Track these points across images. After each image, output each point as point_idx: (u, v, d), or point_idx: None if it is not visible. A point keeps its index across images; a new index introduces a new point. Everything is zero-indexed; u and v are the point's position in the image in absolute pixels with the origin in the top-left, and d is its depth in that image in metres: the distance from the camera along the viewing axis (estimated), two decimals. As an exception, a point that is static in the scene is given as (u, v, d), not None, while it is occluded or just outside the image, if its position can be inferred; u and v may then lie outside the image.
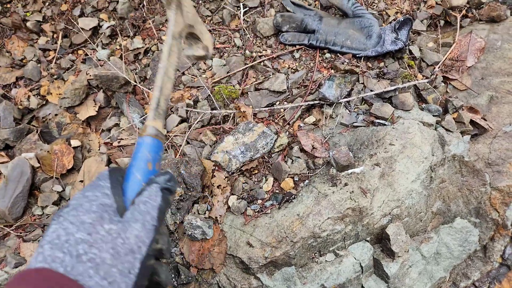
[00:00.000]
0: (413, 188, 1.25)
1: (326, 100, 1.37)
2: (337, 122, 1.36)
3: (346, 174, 1.18)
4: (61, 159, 1.51)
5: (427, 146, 1.29)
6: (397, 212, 1.23)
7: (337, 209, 1.12)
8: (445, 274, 1.44)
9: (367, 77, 1.46)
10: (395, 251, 1.18)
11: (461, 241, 1.43)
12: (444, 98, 1.50)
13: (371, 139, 1.27)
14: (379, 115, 1.34)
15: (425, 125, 1.35)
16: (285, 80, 1.47)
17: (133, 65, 1.70)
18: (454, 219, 1.43)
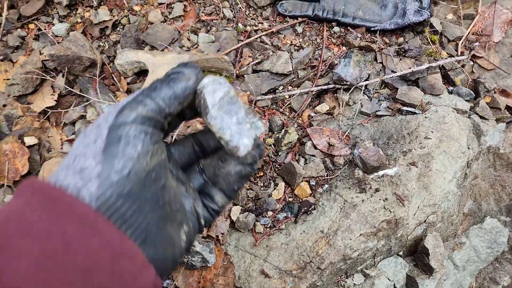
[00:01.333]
0: (450, 189, 1.06)
1: (342, 83, 1.13)
2: (356, 111, 1.13)
3: (377, 177, 0.96)
4: (13, 162, 1.20)
5: (464, 138, 1.09)
6: (433, 219, 1.03)
7: (370, 223, 0.90)
8: (471, 280, 1.28)
9: (386, 55, 1.22)
10: (434, 266, 0.99)
11: (490, 243, 1.27)
12: (472, 79, 1.30)
13: (401, 132, 1.05)
14: (407, 102, 1.12)
15: (459, 112, 1.14)
16: (289, 59, 1.21)
17: (99, 42, 1.38)
18: (484, 219, 1.26)
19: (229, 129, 0.44)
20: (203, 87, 0.46)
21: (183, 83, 0.44)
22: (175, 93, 0.43)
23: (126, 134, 0.36)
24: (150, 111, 0.40)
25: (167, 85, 0.44)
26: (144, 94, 0.42)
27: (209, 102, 0.45)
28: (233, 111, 0.46)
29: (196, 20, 1.42)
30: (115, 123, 0.37)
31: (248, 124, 0.46)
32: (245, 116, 0.46)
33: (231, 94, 0.46)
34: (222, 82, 0.46)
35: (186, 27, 1.38)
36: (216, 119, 0.45)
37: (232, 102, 0.46)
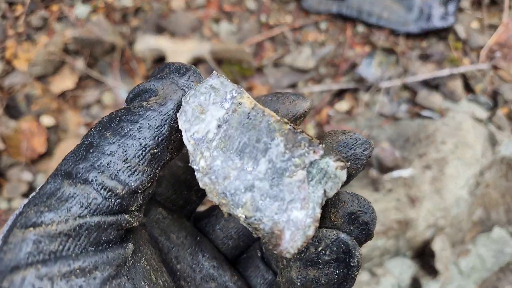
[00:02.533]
0: (461, 195, 1.06)
1: (363, 82, 1.13)
2: (375, 112, 1.13)
3: (391, 178, 0.97)
4: (31, 141, 1.22)
5: (479, 146, 1.09)
6: (442, 223, 1.04)
7: (381, 221, 0.91)
8: (474, 286, 1.29)
9: (408, 59, 1.22)
10: (439, 268, 1.00)
11: (496, 252, 1.27)
12: (491, 89, 1.29)
13: (418, 135, 1.06)
14: (426, 106, 1.12)
15: (476, 120, 1.14)
16: (311, 56, 1.22)
17: (121, 27, 1.39)
18: (492, 228, 1.26)
19: (249, 194, 0.27)
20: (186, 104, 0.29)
21: (153, 119, 0.29)
22: (140, 147, 0.28)
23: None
24: (85, 212, 0.26)
25: (117, 134, 0.28)
26: (70, 174, 0.27)
27: (185, 138, 0.28)
28: (255, 147, 0.27)
29: (219, 10, 1.43)
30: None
31: (299, 169, 0.26)
32: (289, 151, 0.27)
33: (243, 103, 0.28)
34: (220, 84, 0.29)
35: (208, 17, 1.39)
36: (214, 174, 0.27)
37: (251, 122, 0.28)
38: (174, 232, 0.37)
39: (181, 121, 0.29)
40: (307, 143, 0.27)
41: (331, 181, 0.27)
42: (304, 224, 0.25)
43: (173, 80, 0.31)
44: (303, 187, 0.26)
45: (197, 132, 0.28)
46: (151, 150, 0.28)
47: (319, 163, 0.26)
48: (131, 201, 0.28)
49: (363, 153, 0.32)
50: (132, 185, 0.27)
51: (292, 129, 0.27)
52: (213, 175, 0.27)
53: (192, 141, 0.29)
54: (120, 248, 0.28)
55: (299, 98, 0.38)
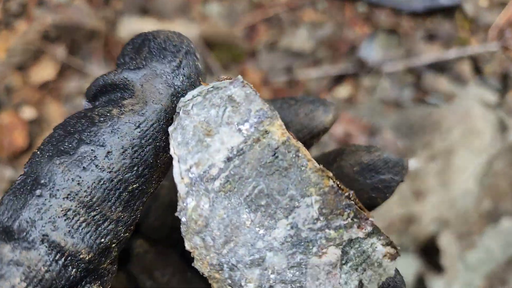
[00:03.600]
0: (468, 186, 1.00)
1: (364, 65, 1.05)
2: (376, 98, 1.06)
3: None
4: (12, 135, 1.16)
5: (488, 133, 1.02)
6: (448, 217, 0.98)
7: (383, 217, 0.86)
8: (481, 280, 1.25)
9: (413, 40, 1.14)
10: (445, 265, 0.95)
11: (504, 244, 1.23)
12: (501, 71, 1.21)
13: (423, 123, 0.99)
14: (431, 91, 1.05)
15: (484, 105, 1.07)
16: (307, 38, 1.13)
17: (104, 10, 1.30)
18: (499, 220, 1.21)
19: (257, 271, 0.20)
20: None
21: (129, 136, 0.21)
22: (111, 184, 0.20)
23: None
24: None
25: (76, 165, 0.20)
26: (9, 231, 0.19)
27: (177, 173, 0.21)
28: (276, 200, 0.20)
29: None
30: None
31: (331, 246, 0.20)
32: (324, 218, 0.20)
33: (272, 132, 0.20)
34: (244, 97, 0.21)
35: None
36: (210, 234, 0.20)
37: (277, 163, 0.20)
38: (159, 269, 0.29)
39: (174, 142, 0.20)
40: (353, 213, 0.19)
41: (371, 270, 0.19)
42: None
43: (156, 70, 0.21)
44: (333, 275, 0.19)
45: (196, 165, 0.20)
46: (128, 187, 0.20)
47: (362, 243, 0.19)
48: (102, 260, 0.20)
49: (393, 179, 0.26)
50: (101, 243, 0.19)
51: (335, 187, 0.19)
52: (208, 235, 0.19)
53: (187, 179, 0.20)
54: None
55: (319, 108, 0.27)
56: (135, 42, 0.23)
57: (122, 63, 0.23)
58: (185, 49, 0.22)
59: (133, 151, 0.20)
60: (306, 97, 0.27)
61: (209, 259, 0.20)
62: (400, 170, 0.26)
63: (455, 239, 1.02)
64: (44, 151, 0.20)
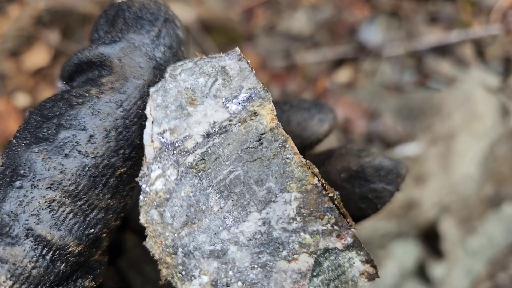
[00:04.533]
0: (469, 171, 0.99)
1: (364, 49, 1.03)
2: (376, 82, 1.04)
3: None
4: (5, 123, 1.14)
5: (489, 118, 1.01)
6: (449, 202, 0.97)
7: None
8: (482, 266, 1.24)
9: (414, 23, 1.11)
10: (445, 250, 0.94)
11: (505, 229, 1.22)
12: (503, 54, 1.19)
13: (424, 107, 0.97)
14: (433, 74, 1.03)
15: (486, 89, 1.05)
16: (306, 21, 1.11)
17: (99, -5, 1.27)
18: (501, 205, 1.20)
19: (214, 264, 0.18)
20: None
21: (111, 118, 0.19)
22: (97, 171, 0.18)
23: None
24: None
25: (57, 152, 0.18)
26: None
27: (148, 134, 0.19)
28: (252, 190, 0.18)
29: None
30: None
31: (304, 253, 0.18)
32: (301, 219, 0.18)
33: (262, 116, 0.19)
34: (238, 70, 0.19)
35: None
36: (170, 211, 0.18)
37: (260, 150, 0.18)
38: (148, 264, 0.27)
39: (153, 103, 0.18)
40: (334, 219, 0.17)
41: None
42: None
43: (135, 42, 0.20)
44: (301, 285, 0.17)
45: (171, 131, 0.18)
46: (116, 172, 0.18)
47: (339, 255, 0.17)
48: (93, 252, 0.18)
49: (386, 189, 0.23)
50: (90, 233, 0.18)
51: (319, 187, 0.17)
52: (169, 212, 0.17)
53: (158, 144, 0.18)
54: None
55: (314, 116, 0.25)
56: (109, 14, 0.21)
57: (97, 38, 0.21)
58: (163, 17, 0.21)
59: (117, 133, 0.18)
60: (303, 102, 0.25)
61: (163, 239, 0.18)
62: (395, 178, 0.23)
63: (455, 224, 1.00)
64: (20, 139, 0.19)
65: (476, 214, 1.19)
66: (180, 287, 0.17)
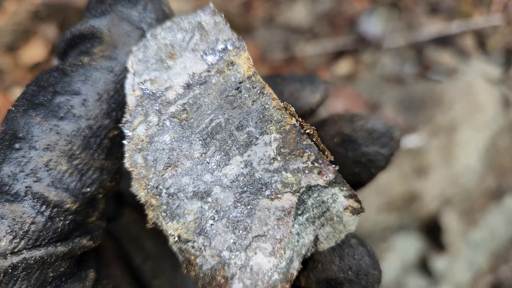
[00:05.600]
0: (471, 163, 0.98)
1: (364, 41, 1.02)
2: (377, 73, 1.03)
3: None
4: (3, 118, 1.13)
5: (491, 109, 1.00)
6: (450, 194, 0.96)
7: (384, 194, 0.84)
8: (484, 259, 1.24)
9: (414, 13, 1.10)
10: (447, 243, 0.94)
11: (507, 221, 1.21)
12: (504, 45, 1.18)
13: (425, 98, 0.96)
14: (433, 66, 1.02)
15: (488, 80, 1.04)
16: (306, 13, 1.10)
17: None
18: (503, 197, 1.19)
19: (197, 204, 0.17)
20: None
21: (103, 83, 0.19)
22: (90, 132, 0.19)
23: None
24: (22, 246, 0.17)
25: (53, 116, 0.18)
26: None
27: (129, 84, 0.19)
28: (233, 136, 0.17)
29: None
30: None
31: (287, 192, 0.17)
32: (282, 158, 0.17)
33: (238, 65, 0.18)
34: (213, 25, 0.19)
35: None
36: (152, 154, 0.17)
37: (240, 97, 0.18)
38: (149, 239, 0.27)
39: (134, 58, 0.19)
40: (314, 156, 0.17)
41: (330, 226, 0.17)
42: (267, 281, 0.16)
43: (122, 14, 0.21)
44: (285, 222, 0.17)
45: (151, 81, 0.19)
46: (109, 134, 0.19)
47: (322, 192, 0.17)
48: (89, 211, 0.19)
49: (379, 152, 0.22)
50: (87, 192, 0.19)
51: (298, 126, 0.18)
52: (151, 155, 0.18)
53: (139, 92, 0.19)
54: (76, 281, 0.19)
55: (306, 87, 0.25)
56: None
57: (87, 10, 0.22)
58: None
59: (109, 96, 0.19)
60: (295, 75, 0.25)
61: (147, 181, 0.18)
62: (388, 141, 0.22)
63: (457, 217, 1.00)
64: (18, 107, 0.20)
65: (478, 206, 1.18)
66: (165, 227, 0.18)
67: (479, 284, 1.18)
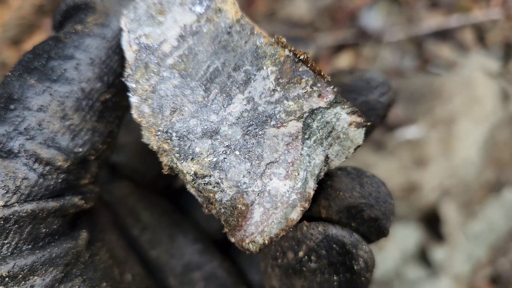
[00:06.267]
0: (470, 155, 1.00)
1: (364, 35, 1.04)
2: (377, 67, 1.04)
3: (394, 138, 0.90)
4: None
5: (490, 102, 1.01)
6: (449, 186, 0.98)
7: (384, 186, 0.85)
8: (483, 251, 1.25)
9: (414, 8, 1.12)
10: (446, 234, 0.95)
11: (506, 214, 1.23)
12: (504, 39, 1.19)
13: (424, 91, 0.98)
14: (433, 59, 1.03)
15: (486, 74, 1.06)
16: (307, 8, 1.11)
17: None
18: (501, 190, 1.20)
19: (208, 142, 0.18)
20: None
21: (95, 49, 0.20)
22: (82, 94, 0.20)
23: None
24: (14, 200, 0.18)
25: (47, 79, 0.20)
26: None
27: (125, 41, 0.20)
28: (232, 77, 0.18)
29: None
30: None
31: (292, 119, 0.18)
32: (281, 88, 0.18)
33: (225, 11, 0.19)
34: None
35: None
36: (158, 102, 0.19)
37: (232, 41, 0.19)
38: (146, 210, 0.28)
39: (126, 19, 0.20)
40: (312, 80, 0.18)
41: (338, 144, 0.19)
42: (286, 201, 0.17)
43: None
44: (294, 146, 0.18)
45: (146, 36, 0.20)
46: (101, 97, 0.20)
47: (324, 113, 0.18)
48: (82, 172, 0.20)
49: (378, 101, 0.24)
50: (79, 152, 0.20)
51: (291, 56, 0.19)
52: (157, 103, 0.19)
53: (135, 47, 0.20)
54: (68, 239, 0.20)
55: (299, 43, 0.29)
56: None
57: None
58: None
59: (101, 61, 0.21)
60: (288, 37, 0.27)
61: (156, 127, 0.19)
62: (386, 91, 0.24)
63: (456, 208, 1.01)
64: (14, 71, 0.21)
65: (477, 198, 1.19)
66: (180, 167, 0.18)
67: (478, 275, 1.19)
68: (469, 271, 1.17)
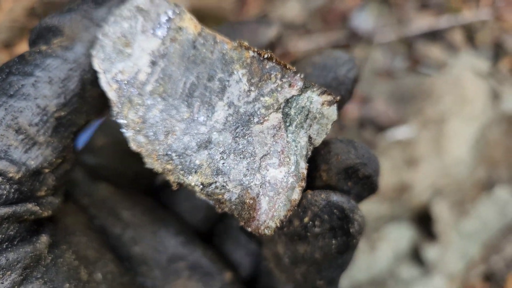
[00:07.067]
0: (461, 154, 1.01)
1: (356, 36, 1.05)
2: (368, 68, 1.05)
3: (385, 138, 0.91)
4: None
5: (480, 101, 1.02)
6: (441, 185, 0.99)
7: (375, 185, 0.86)
8: (476, 249, 1.26)
9: (404, 9, 1.13)
10: (438, 233, 0.96)
11: (498, 212, 1.24)
12: (493, 40, 1.21)
13: (415, 91, 0.99)
14: (423, 60, 1.05)
15: (476, 74, 1.07)
16: (300, 8, 1.12)
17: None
18: (493, 188, 1.22)
19: (205, 153, 0.20)
20: None
21: (55, 69, 0.22)
22: (38, 110, 0.21)
23: None
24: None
25: (3, 94, 0.21)
26: None
27: (105, 82, 0.21)
28: (208, 88, 0.20)
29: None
30: None
31: (271, 112, 0.20)
32: (255, 87, 0.20)
33: (185, 28, 0.21)
34: (149, 3, 0.22)
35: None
36: (151, 130, 0.20)
37: (199, 54, 0.20)
38: (127, 209, 0.29)
39: (98, 60, 0.21)
40: (280, 73, 0.20)
41: (316, 124, 0.20)
42: (286, 186, 0.19)
43: (86, 13, 0.23)
44: (279, 136, 0.20)
45: (121, 72, 0.21)
46: (55, 113, 0.21)
47: (298, 100, 0.20)
48: (36, 184, 0.21)
49: (346, 76, 0.26)
50: (31, 165, 0.20)
51: (256, 56, 0.20)
52: (150, 131, 0.20)
53: (115, 85, 0.21)
54: (26, 244, 0.21)
55: (262, 24, 0.30)
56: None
57: (58, 12, 0.25)
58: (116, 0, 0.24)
59: (59, 80, 0.21)
60: (252, 20, 0.29)
61: (156, 152, 0.20)
62: (352, 67, 0.26)
63: (449, 207, 1.02)
64: None
65: (469, 197, 1.20)
66: (187, 181, 0.20)
67: (471, 273, 1.20)
68: (463, 269, 1.18)
